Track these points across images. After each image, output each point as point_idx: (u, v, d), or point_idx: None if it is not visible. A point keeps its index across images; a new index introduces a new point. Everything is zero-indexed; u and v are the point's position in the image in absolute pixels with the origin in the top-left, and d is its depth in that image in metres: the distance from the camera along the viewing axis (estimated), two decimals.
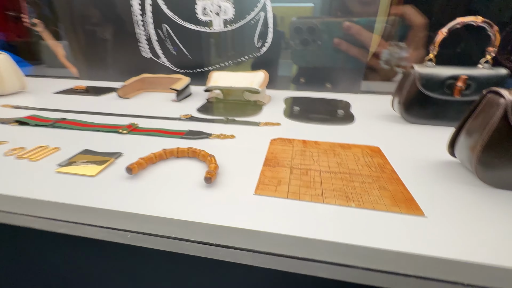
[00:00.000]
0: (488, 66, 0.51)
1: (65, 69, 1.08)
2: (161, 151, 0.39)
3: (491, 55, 0.50)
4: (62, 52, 1.01)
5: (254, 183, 0.34)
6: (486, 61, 0.51)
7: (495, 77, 0.50)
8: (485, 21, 0.48)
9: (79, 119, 0.56)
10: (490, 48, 0.50)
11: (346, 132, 0.53)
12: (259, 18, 0.78)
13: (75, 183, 0.34)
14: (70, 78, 1.03)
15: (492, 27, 0.48)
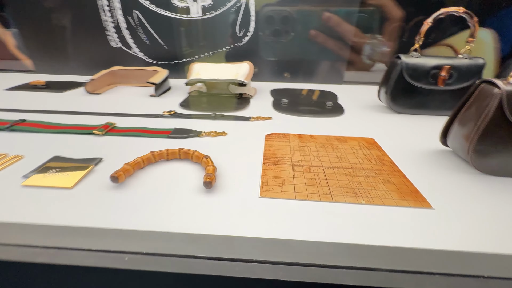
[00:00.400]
0: (467, 56, 0.53)
1: (17, 61, 0.95)
2: (148, 154, 0.35)
3: (470, 45, 0.53)
4: (12, 41, 0.87)
5: (257, 184, 0.32)
6: (464, 51, 0.53)
7: (474, 66, 0.52)
8: (466, 11, 0.50)
9: (43, 120, 0.49)
10: (470, 39, 0.52)
11: (337, 124, 0.53)
12: (240, 5, 0.74)
13: (48, 198, 0.29)
14: (24, 71, 0.90)
15: (472, 18, 0.50)
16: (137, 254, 0.23)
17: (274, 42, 0.80)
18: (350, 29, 0.77)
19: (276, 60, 0.81)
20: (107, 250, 0.24)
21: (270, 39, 0.79)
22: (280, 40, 0.79)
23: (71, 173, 0.32)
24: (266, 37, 0.79)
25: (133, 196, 0.30)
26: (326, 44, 0.80)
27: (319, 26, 0.78)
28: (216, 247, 0.23)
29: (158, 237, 0.23)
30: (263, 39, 0.79)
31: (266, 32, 0.78)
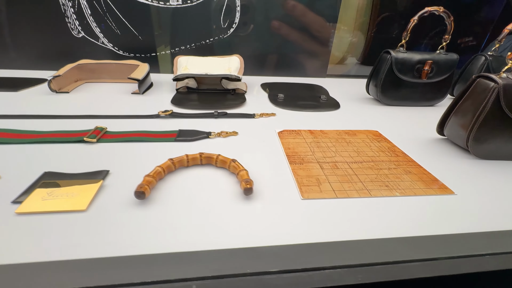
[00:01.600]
0: (444, 52, 0.59)
1: None
2: (168, 162, 0.31)
3: (446, 42, 0.58)
4: None
5: (293, 185, 0.31)
6: (442, 47, 0.59)
7: (450, 61, 0.58)
8: (444, 11, 0.55)
9: (9, 127, 0.40)
10: (446, 36, 0.58)
11: (336, 117, 0.54)
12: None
13: (59, 227, 0.24)
14: None
15: (450, 17, 0.55)
16: (205, 279, 0.21)
17: (231, 36, 0.74)
18: (316, 19, 0.76)
19: (254, 54, 0.79)
20: (168, 280, 0.20)
21: (226, 32, 0.74)
22: (238, 34, 0.74)
23: (77, 192, 0.27)
24: (221, 30, 0.74)
25: (165, 212, 0.26)
26: (289, 37, 0.77)
27: (281, 16, 0.74)
28: (287, 258, 0.22)
29: (219, 256, 0.21)
30: (218, 33, 0.73)
31: (223, 24, 0.72)
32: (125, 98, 0.57)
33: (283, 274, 0.22)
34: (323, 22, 0.76)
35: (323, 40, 0.79)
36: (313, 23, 0.75)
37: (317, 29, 0.77)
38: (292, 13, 0.74)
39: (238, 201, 0.28)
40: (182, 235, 0.23)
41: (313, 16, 0.74)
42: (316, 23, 0.76)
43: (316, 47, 0.80)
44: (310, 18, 0.75)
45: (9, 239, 0.22)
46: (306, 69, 0.84)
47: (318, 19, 0.75)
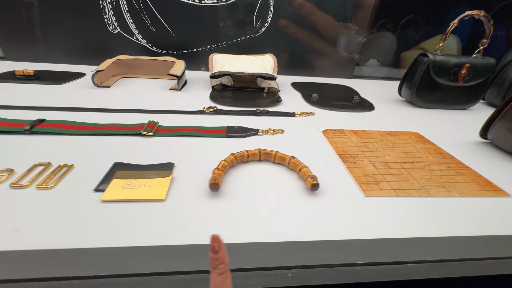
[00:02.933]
0: (480, 56, 0.59)
1: None
2: (231, 157, 0.32)
3: (483, 46, 0.58)
4: None
5: (352, 183, 0.32)
6: (479, 51, 0.59)
7: (487, 65, 0.58)
8: (485, 15, 0.55)
9: (60, 118, 0.41)
10: (484, 40, 0.58)
11: (373, 118, 0.55)
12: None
13: (142, 214, 0.25)
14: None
15: (490, 21, 0.55)
16: (297, 268, 0.22)
17: (237, 34, 0.73)
18: (325, 18, 0.74)
19: (280, 53, 0.79)
20: (266, 268, 0.21)
21: (233, 30, 0.73)
22: (245, 32, 0.73)
23: (153, 183, 0.28)
24: (228, 28, 0.72)
25: (236, 204, 0.27)
26: (297, 35, 0.76)
27: (288, 14, 0.73)
28: (370, 251, 0.23)
29: (307, 247, 0.22)
30: (224, 31, 0.73)
31: (228, 22, 0.72)
32: (165, 94, 0.58)
33: (369, 266, 0.23)
34: (332, 21, 0.75)
35: (331, 40, 0.78)
36: (322, 21, 0.74)
37: (326, 28, 0.75)
38: (299, 11, 0.74)
39: (304, 196, 0.29)
40: (260, 226, 0.24)
41: (322, 15, 0.73)
42: (325, 22, 0.74)
43: (326, 47, 0.80)
44: (319, 17, 0.74)
45: (97, 224, 0.23)
46: (332, 69, 0.84)
47: (327, 18, 0.73)
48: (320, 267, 0.22)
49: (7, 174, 0.28)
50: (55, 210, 0.25)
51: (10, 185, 0.27)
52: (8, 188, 0.27)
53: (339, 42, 0.79)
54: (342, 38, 0.78)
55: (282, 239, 0.23)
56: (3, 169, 0.29)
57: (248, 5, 0.71)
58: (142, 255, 0.22)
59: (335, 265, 0.23)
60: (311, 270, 0.22)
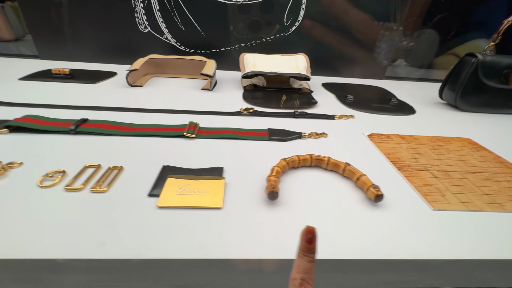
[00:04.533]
0: None
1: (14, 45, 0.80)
2: (282, 162, 0.31)
3: None
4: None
5: (413, 194, 0.30)
6: None
7: None
8: None
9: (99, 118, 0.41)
10: None
11: (416, 122, 0.51)
12: None
13: (202, 223, 0.23)
14: (23, 56, 0.76)
15: None
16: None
17: (251, 39, 0.68)
18: (361, 17, 0.67)
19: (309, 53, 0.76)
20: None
21: (245, 34, 0.68)
22: (260, 36, 0.67)
23: (207, 188, 0.27)
24: (239, 32, 0.67)
25: (292, 214, 0.25)
26: (323, 39, 0.69)
27: (315, 13, 0.67)
28: (454, 274, 0.20)
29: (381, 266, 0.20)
30: (235, 35, 0.68)
31: (240, 25, 0.66)
32: (197, 94, 0.57)
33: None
34: (370, 21, 0.68)
35: (368, 44, 0.73)
36: (357, 22, 0.68)
37: (362, 30, 0.69)
38: (329, 9, 0.68)
39: (365, 207, 0.27)
40: (324, 239, 0.23)
41: (358, 14, 0.66)
42: (362, 23, 0.68)
43: (360, 52, 0.75)
44: (354, 16, 0.68)
45: (157, 233, 0.22)
46: (363, 70, 0.81)
47: (363, 17, 0.67)
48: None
49: (60, 176, 0.27)
50: (113, 216, 0.24)
51: (65, 188, 0.26)
52: (63, 191, 0.26)
53: (378, 48, 0.75)
54: (382, 42, 0.73)
55: (355, 256, 0.21)
56: (55, 171, 0.28)
57: (269, 4, 0.69)
58: (208, 268, 0.21)
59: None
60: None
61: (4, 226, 0.22)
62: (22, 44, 0.85)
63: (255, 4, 0.68)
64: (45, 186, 0.26)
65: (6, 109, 0.43)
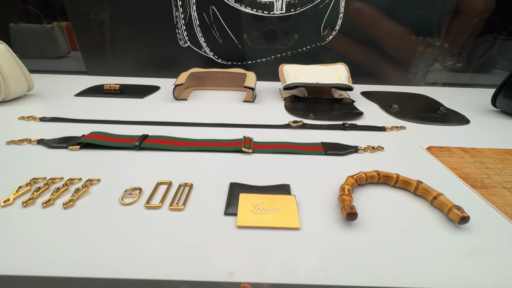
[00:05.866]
0: None
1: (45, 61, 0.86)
2: (351, 180, 0.30)
3: None
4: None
5: (497, 215, 0.28)
6: None
7: None
8: None
9: (159, 134, 0.42)
10: None
11: (475, 133, 0.48)
12: (330, 2, 0.68)
13: (283, 244, 0.23)
14: (73, 73, 0.81)
15: None
16: None
17: (267, 50, 0.65)
18: (395, 30, 0.62)
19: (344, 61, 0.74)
20: None
21: (261, 44, 0.65)
22: (275, 46, 0.64)
23: (281, 207, 0.27)
24: (254, 41, 0.64)
25: (370, 236, 0.25)
26: (345, 54, 0.65)
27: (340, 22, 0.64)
28: None
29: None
30: (249, 45, 0.65)
31: (254, 34, 0.62)
32: (240, 106, 0.58)
33: None
34: (406, 34, 0.63)
35: (403, 62, 0.68)
36: (389, 34, 0.63)
37: (395, 44, 0.64)
38: (356, 19, 0.66)
39: (448, 230, 0.26)
40: (406, 265, 0.22)
41: (391, 25, 0.62)
42: (395, 36, 0.62)
43: (391, 69, 0.72)
44: (385, 27, 0.64)
45: (242, 255, 0.22)
46: (402, 76, 0.78)
47: (398, 30, 0.61)
48: None
49: (138, 193, 0.29)
50: (195, 235, 0.24)
51: (145, 206, 0.27)
52: (143, 208, 0.27)
53: (413, 67, 0.72)
54: (420, 61, 0.68)
55: (451, 285, 0.20)
56: (132, 188, 0.29)
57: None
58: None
59: None
60: None
61: (96, 243, 0.23)
62: (67, 61, 0.92)
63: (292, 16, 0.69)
64: (127, 204, 0.27)
65: (69, 125, 0.46)
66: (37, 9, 0.87)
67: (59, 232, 0.24)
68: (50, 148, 0.38)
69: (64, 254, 0.22)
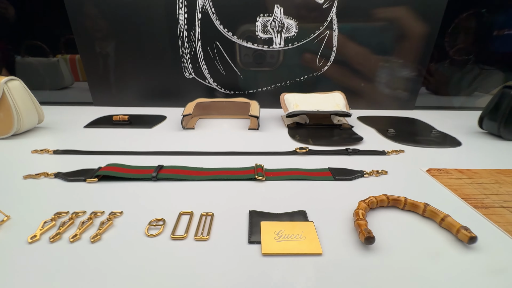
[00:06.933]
0: None
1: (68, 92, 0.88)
2: (363, 204, 0.32)
3: None
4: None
5: (501, 235, 0.30)
6: None
7: None
8: None
9: (172, 163, 0.44)
10: None
11: (467, 154, 0.52)
12: (324, 36, 0.74)
13: (308, 272, 0.24)
14: (79, 104, 0.83)
15: None
16: None
17: (266, 79, 0.78)
18: (359, 51, 0.75)
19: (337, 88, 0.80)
20: None
21: (253, 67, 0.76)
22: (261, 68, 0.76)
23: (302, 234, 0.28)
24: (247, 66, 0.76)
25: (390, 260, 0.26)
26: (340, 82, 0.77)
27: (314, 48, 0.75)
28: None
29: None
30: (243, 68, 0.76)
31: (248, 58, 0.75)
32: (246, 134, 0.61)
33: None
34: (368, 53, 0.75)
35: (367, 75, 0.79)
36: (356, 54, 0.75)
37: (359, 61, 0.76)
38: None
39: (457, 249, 0.27)
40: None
41: (356, 47, 0.74)
42: (359, 55, 0.75)
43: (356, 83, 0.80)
44: (352, 49, 0.75)
45: (271, 283, 0.23)
46: (393, 101, 0.84)
47: (360, 50, 0.74)
48: None
49: (162, 224, 0.30)
50: (224, 265, 0.25)
51: (171, 237, 0.28)
52: (169, 239, 0.28)
53: (402, 93, 0.80)
54: (381, 72, 0.78)
55: None
56: (156, 219, 0.30)
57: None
58: None
59: None
60: None
61: (127, 276, 0.24)
62: (71, 91, 0.94)
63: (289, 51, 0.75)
64: (153, 236, 0.28)
65: (82, 157, 0.47)
66: (44, 43, 0.91)
67: (89, 266, 0.25)
68: (67, 182, 0.39)
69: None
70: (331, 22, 0.73)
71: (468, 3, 0.80)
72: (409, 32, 0.74)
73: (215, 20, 0.72)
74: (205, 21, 0.72)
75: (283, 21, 0.72)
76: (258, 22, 0.72)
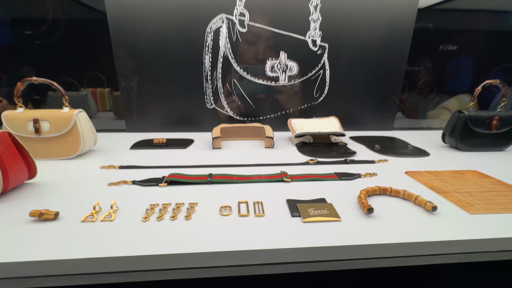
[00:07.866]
0: (503, 110, 0.77)
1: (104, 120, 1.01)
2: (362, 191, 0.47)
3: (504, 103, 0.77)
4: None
5: (453, 206, 0.45)
6: (501, 106, 0.77)
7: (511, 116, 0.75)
8: (500, 82, 0.75)
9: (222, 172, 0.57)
10: (504, 99, 0.76)
11: (434, 162, 0.69)
12: (319, 75, 0.94)
13: (332, 230, 0.38)
14: (112, 131, 0.96)
15: (504, 86, 0.75)
16: None
17: (264, 102, 0.97)
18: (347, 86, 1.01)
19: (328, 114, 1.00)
20: None
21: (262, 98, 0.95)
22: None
23: (325, 210, 0.42)
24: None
25: (387, 220, 0.41)
26: (334, 110, 0.98)
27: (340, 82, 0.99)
28: None
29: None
30: (253, 100, 0.95)
31: (259, 91, 0.94)
32: (264, 151, 0.76)
33: None
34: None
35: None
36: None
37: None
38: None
39: (426, 215, 0.42)
40: (409, 232, 0.37)
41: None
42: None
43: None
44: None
45: (313, 240, 0.37)
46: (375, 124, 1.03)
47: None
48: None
49: (230, 207, 0.43)
50: (279, 230, 0.38)
51: (238, 215, 0.41)
52: (237, 216, 0.41)
53: (384, 117, 1.01)
54: (387, 112, 1.00)
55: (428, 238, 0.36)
56: (224, 205, 0.44)
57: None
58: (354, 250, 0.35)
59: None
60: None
61: (215, 235, 0.36)
62: (95, 120, 1.07)
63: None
64: (225, 215, 0.41)
65: (142, 171, 0.60)
66: (75, 79, 1.06)
67: (186, 234, 0.37)
68: (143, 186, 0.51)
69: (199, 242, 0.35)
70: (324, 64, 0.93)
71: (426, 47, 1.04)
72: (383, 70, 0.96)
73: (233, 63, 0.90)
74: (225, 63, 0.90)
75: (287, 63, 0.92)
76: (267, 64, 0.91)
